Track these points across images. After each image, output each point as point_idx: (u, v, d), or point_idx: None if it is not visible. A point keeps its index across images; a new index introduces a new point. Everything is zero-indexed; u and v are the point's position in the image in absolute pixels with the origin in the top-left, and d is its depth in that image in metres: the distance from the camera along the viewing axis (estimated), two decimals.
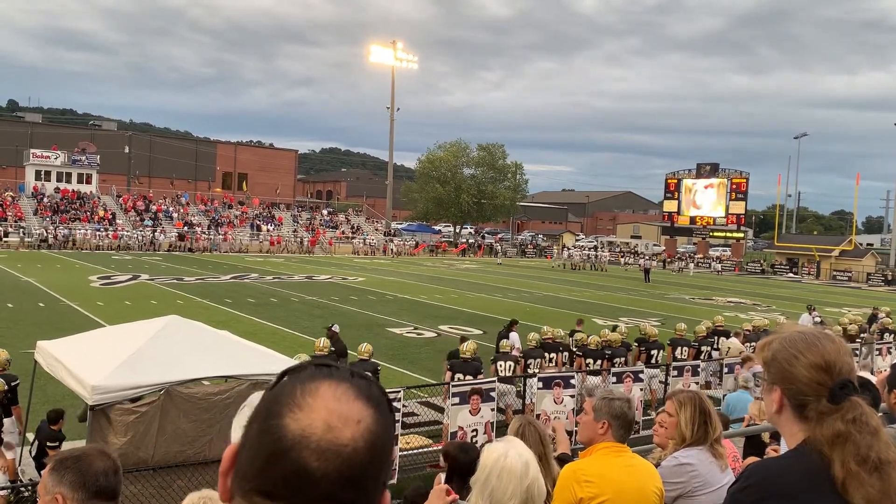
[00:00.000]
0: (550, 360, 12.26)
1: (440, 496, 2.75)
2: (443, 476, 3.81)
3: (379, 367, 10.62)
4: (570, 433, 9.84)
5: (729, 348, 13.56)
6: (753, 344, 12.94)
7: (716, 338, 14.94)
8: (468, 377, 10.06)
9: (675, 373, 11.55)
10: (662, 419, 3.66)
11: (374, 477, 0.85)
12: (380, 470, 0.86)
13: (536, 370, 11.43)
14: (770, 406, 1.75)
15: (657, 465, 3.40)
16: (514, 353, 12.08)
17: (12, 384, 8.32)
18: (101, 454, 2.37)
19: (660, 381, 12.14)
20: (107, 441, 6.17)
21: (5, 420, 8.08)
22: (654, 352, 13.18)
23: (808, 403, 1.67)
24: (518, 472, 2.48)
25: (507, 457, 2.51)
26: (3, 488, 6.94)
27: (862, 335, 16.20)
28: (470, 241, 69.99)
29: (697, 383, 11.64)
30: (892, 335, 17.18)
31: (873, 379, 3.65)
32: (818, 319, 21.20)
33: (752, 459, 3.79)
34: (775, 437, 5.67)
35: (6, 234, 45.97)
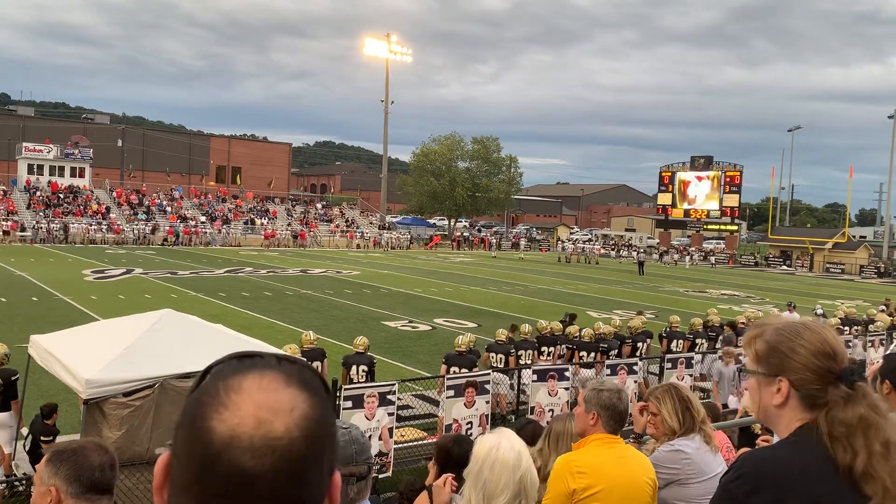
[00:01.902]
0: (549, 353, 12.30)
1: (441, 489, 2.76)
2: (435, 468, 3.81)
3: (375, 361, 10.62)
4: None
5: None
6: None
7: (721, 330, 15.04)
8: (463, 370, 10.09)
9: (669, 365, 11.58)
10: (650, 419, 3.69)
11: (315, 466, 0.81)
12: (321, 457, 0.82)
13: (528, 361, 11.55)
14: (771, 399, 1.72)
15: (652, 454, 3.42)
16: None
17: (12, 378, 8.30)
18: (99, 448, 2.38)
19: (649, 372, 12.16)
20: (101, 435, 6.17)
21: (1, 414, 8.06)
22: (639, 344, 13.23)
23: (818, 392, 1.66)
24: (510, 463, 2.48)
25: (499, 448, 2.51)
26: None
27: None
28: (465, 234, 69.96)
29: (691, 375, 11.68)
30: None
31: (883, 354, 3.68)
32: (820, 311, 21.29)
33: (746, 450, 3.81)
34: (767, 428, 5.70)
35: (22, 229, 45.86)
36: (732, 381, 10.81)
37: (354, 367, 10.13)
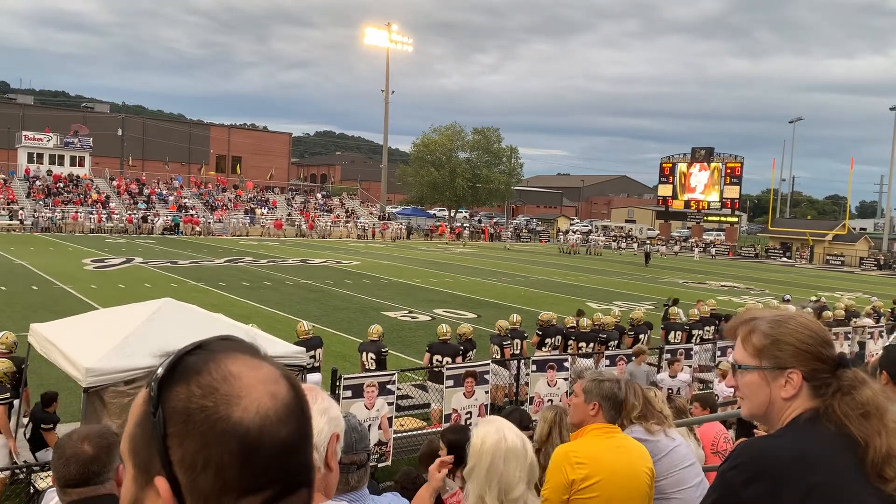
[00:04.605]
0: (554, 346, 12.34)
1: (435, 473, 2.75)
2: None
3: (386, 349, 10.74)
4: None
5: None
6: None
7: (718, 321, 15.05)
8: (447, 359, 10.25)
9: (669, 356, 11.60)
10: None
11: (310, 422, 0.88)
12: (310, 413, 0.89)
13: (516, 351, 11.72)
14: (780, 391, 1.69)
15: None
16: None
17: (21, 367, 8.31)
18: (82, 439, 2.37)
19: (648, 364, 12.18)
20: (100, 423, 6.18)
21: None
22: (641, 336, 13.25)
23: (827, 379, 1.67)
24: (520, 451, 2.47)
25: (506, 440, 2.48)
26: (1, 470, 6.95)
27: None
28: (464, 224, 69.85)
29: (690, 366, 11.69)
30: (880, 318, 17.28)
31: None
32: (788, 298, 21.46)
33: (744, 440, 3.84)
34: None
35: (26, 221, 45.90)
36: (648, 383, 10.55)
37: (364, 354, 10.37)
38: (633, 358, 11.03)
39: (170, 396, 0.80)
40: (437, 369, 10.19)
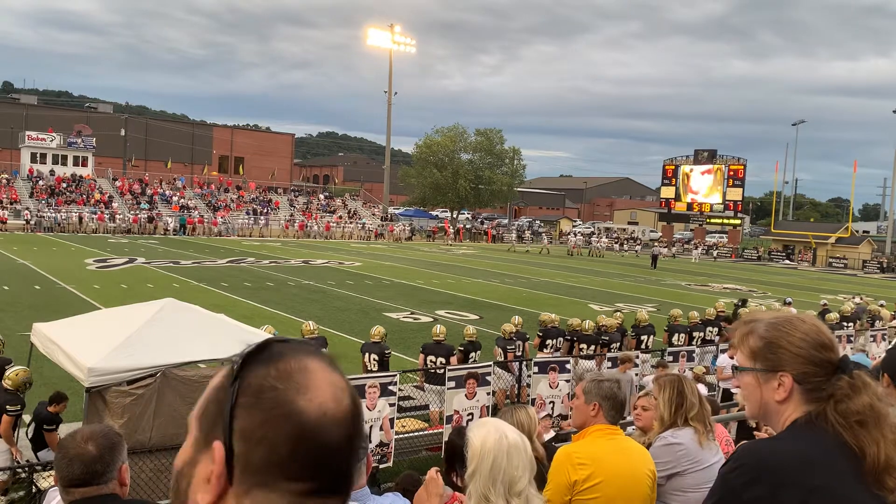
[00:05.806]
0: (556, 347, 12.34)
1: (435, 480, 2.75)
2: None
3: (390, 350, 10.72)
4: (564, 417, 9.93)
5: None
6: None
7: (721, 324, 15.02)
8: (440, 359, 10.27)
9: (671, 358, 11.60)
10: (649, 402, 3.74)
11: (363, 430, 0.93)
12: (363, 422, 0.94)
13: (518, 353, 11.73)
14: (772, 394, 1.71)
15: (647, 447, 3.44)
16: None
17: (5, 367, 8.31)
18: (85, 439, 2.37)
19: (651, 367, 12.18)
20: (103, 423, 6.19)
21: None
22: (643, 337, 13.24)
23: (821, 384, 1.66)
24: (521, 446, 2.48)
25: (507, 436, 2.49)
26: (2, 469, 6.97)
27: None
28: (467, 226, 69.84)
29: (692, 368, 11.68)
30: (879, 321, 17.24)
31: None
32: (789, 301, 21.40)
33: (745, 442, 3.83)
34: None
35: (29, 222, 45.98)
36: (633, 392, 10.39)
37: (367, 355, 10.38)
38: (621, 364, 10.93)
39: (249, 372, 0.88)
40: (432, 370, 10.21)
